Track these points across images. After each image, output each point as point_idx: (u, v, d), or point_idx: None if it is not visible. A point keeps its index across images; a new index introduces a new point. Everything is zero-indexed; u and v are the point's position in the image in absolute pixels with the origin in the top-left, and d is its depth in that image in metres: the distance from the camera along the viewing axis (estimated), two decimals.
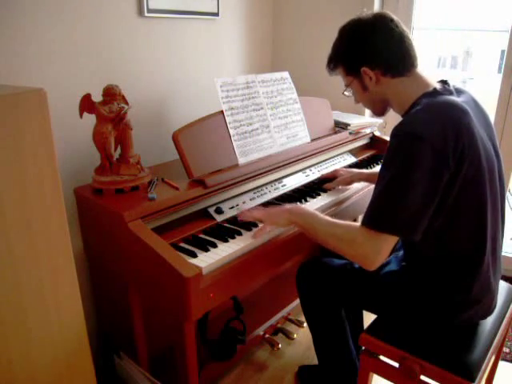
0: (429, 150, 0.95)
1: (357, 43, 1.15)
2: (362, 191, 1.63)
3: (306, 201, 1.50)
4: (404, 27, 1.14)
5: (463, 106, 1.04)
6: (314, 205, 1.47)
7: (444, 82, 1.13)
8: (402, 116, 1.15)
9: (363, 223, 1.04)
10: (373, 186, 1.11)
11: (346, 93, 1.27)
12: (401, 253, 1.29)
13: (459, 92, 1.12)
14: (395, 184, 0.99)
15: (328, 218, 1.15)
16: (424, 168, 0.96)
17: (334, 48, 1.23)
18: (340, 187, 1.61)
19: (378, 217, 1.02)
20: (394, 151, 1.01)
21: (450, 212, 1.03)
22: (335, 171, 1.65)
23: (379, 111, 1.26)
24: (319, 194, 1.55)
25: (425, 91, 1.10)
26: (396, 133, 1.02)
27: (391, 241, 1.02)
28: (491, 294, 1.13)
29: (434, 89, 1.10)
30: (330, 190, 1.59)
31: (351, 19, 1.19)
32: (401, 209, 0.99)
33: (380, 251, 1.02)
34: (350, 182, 1.60)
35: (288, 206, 1.26)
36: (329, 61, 1.25)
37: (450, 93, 1.09)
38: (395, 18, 1.14)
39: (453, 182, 0.99)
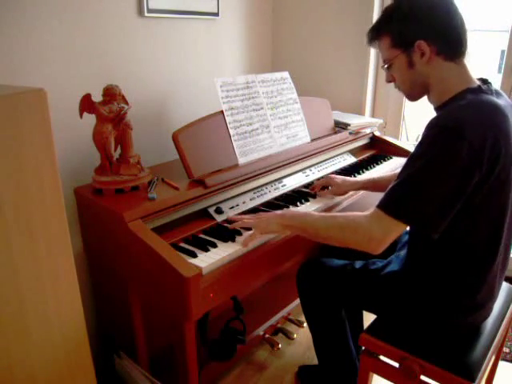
0: (466, 148, 0.93)
1: (419, 13, 1.06)
2: (356, 194, 1.63)
3: (306, 201, 1.50)
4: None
5: (504, 109, 1.01)
6: (315, 205, 1.47)
7: (485, 81, 1.10)
8: (437, 108, 1.11)
9: (379, 206, 1.01)
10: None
11: (384, 66, 1.16)
12: (402, 253, 1.29)
13: (498, 94, 1.08)
14: (425, 174, 0.97)
15: (321, 213, 1.15)
16: (458, 165, 0.94)
17: (387, 13, 1.12)
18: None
19: (398, 203, 1.00)
20: (431, 142, 0.97)
21: (472, 215, 1.01)
22: (329, 178, 1.55)
23: (415, 95, 1.16)
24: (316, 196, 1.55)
25: (469, 86, 1.06)
26: (435, 125, 0.98)
27: (400, 228, 1.00)
28: (494, 298, 1.13)
29: (479, 86, 1.05)
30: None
31: None
32: (424, 200, 0.96)
33: (386, 234, 1.00)
34: (344, 193, 1.54)
35: (277, 211, 1.24)
36: (375, 27, 1.14)
37: (492, 93, 1.05)
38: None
39: (481, 185, 0.97)
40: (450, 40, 1.06)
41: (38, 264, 0.87)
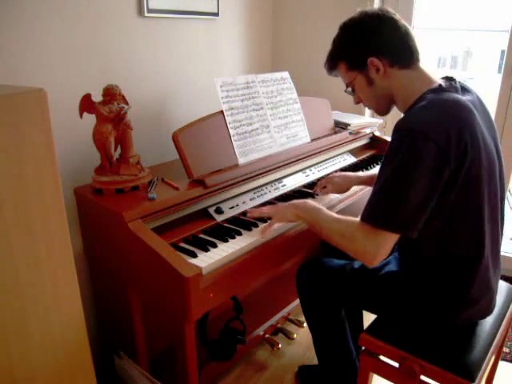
0: (432, 147, 0.95)
1: (364, 33, 1.12)
2: (361, 191, 1.63)
3: None
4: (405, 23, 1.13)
5: (468, 104, 1.03)
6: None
7: (450, 79, 1.12)
8: (404, 112, 1.14)
9: (362, 219, 1.04)
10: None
11: (348, 90, 1.23)
12: None
13: (465, 90, 1.10)
14: (396, 180, 0.99)
15: (332, 213, 1.16)
16: (426, 165, 0.96)
17: (336, 43, 1.20)
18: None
19: (376, 213, 1.02)
20: (396, 147, 1.00)
21: (449, 211, 1.03)
22: (329, 179, 1.55)
23: (383, 108, 1.22)
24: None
25: (430, 87, 1.08)
26: (399, 128, 1.01)
27: (392, 238, 1.02)
28: (490, 293, 1.13)
29: (440, 85, 1.08)
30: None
31: (354, 14, 1.16)
32: (400, 206, 0.98)
33: (379, 248, 1.02)
34: (347, 189, 1.54)
35: (295, 201, 1.26)
36: (329, 58, 1.22)
37: (456, 90, 1.07)
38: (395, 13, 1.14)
39: (453, 181, 0.99)
40: (398, 51, 1.11)
41: (38, 264, 0.87)
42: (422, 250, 1.12)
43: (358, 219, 1.08)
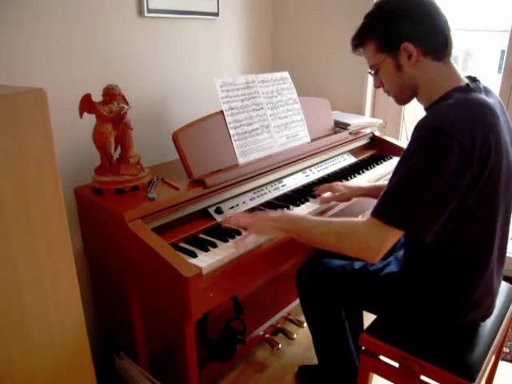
0: (456, 148, 0.92)
1: (402, 15, 1.04)
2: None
3: (306, 201, 1.50)
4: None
5: (493, 107, 1.01)
6: (315, 205, 1.47)
7: (473, 79, 1.09)
8: (427, 107, 1.10)
9: (373, 214, 1.00)
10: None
11: (371, 71, 1.15)
12: (401, 253, 1.29)
13: (487, 92, 1.07)
14: (415, 177, 0.96)
15: (319, 217, 1.13)
16: (448, 166, 0.93)
17: (370, 19, 1.10)
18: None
19: (390, 209, 0.99)
20: (419, 144, 0.96)
21: (463, 215, 1.01)
22: (331, 186, 1.52)
23: (405, 98, 1.15)
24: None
25: (457, 85, 1.05)
26: (422, 125, 0.98)
27: (397, 235, 0.99)
28: (492, 296, 1.13)
29: (467, 84, 1.05)
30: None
31: None
32: (416, 204, 0.95)
33: (383, 243, 0.99)
34: (348, 199, 1.49)
35: (272, 213, 1.22)
36: (359, 34, 1.13)
37: (481, 91, 1.05)
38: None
39: (473, 185, 0.96)
40: (435, 40, 1.05)
41: (38, 264, 0.87)
42: (430, 251, 1.09)
43: (353, 218, 1.07)
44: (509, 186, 1.05)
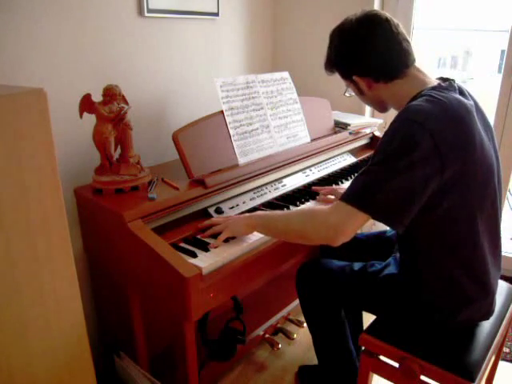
0: (427, 138, 0.94)
1: (344, 53, 1.15)
2: None
3: (306, 201, 1.50)
4: (395, 21, 1.11)
5: (467, 105, 1.02)
6: (315, 205, 1.47)
7: (447, 80, 1.11)
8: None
9: (342, 198, 1.02)
10: None
11: (346, 94, 1.28)
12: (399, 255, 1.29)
13: (462, 92, 1.09)
14: (383, 166, 0.97)
15: (287, 211, 1.19)
16: (419, 155, 0.94)
17: (328, 53, 1.22)
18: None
19: (354, 191, 1.01)
20: (391, 136, 0.99)
21: (442, 213, 1.02)
22: (333, 190, 1.54)
23: (380, 109, 1.25)
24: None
25: (424, 88, 1.07)
26: (396, 119, 1.01)
27: (360, 217, 0.99)
28: (490, 294, 1.13)
29: (439, 84, 1.07)
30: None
31: (339, 23, 1.18)
32: (384, 191, 0.96)
33: (344, 221, 1.00)
34: None
35: (246, 214, 1.25)
36: (325, 64, 1.24)
37: (454, 90, 1.07)
38: (384, 14, 1.11)
39: (445, 178, 0.97)
40: (380, 70, 1.12)
41: (38, 264, 0.87)
42: (422, 248, 1.11)
43: (320, 206, 1.10)
44: (491, 183, 1.06)
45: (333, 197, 1.52)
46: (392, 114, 1.27)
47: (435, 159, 0.95)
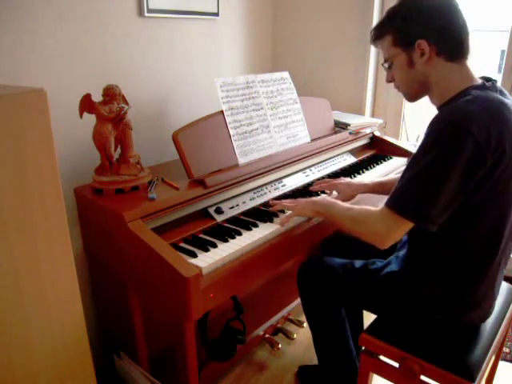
0: (472, 144, 0.92)
1: (422, 13, 1.06)
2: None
3: None
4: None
5: (508, 105, 1.01)
6: None
7: (489, 80, 1.09)
8: (439, 107, 1.10)
9: (386, 204, 1.04)
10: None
11: (385, 65, 1.17)
12: (401, 253, 1.29)
13: (502, 93, 1.07)
14: (430, 172, 0.97)
15: (346, 204, 1.21)
16: (463, 160, 0.93)
17: (391, 12, 1.12)
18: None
19: (403, 202, 1.01)
20: (436, 138, 0.97)
21: (472, 213, 1.01)
22: (333, 185, 1.52)
23: (414, 94, 1.16)
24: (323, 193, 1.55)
25: (472, 84, 1.05)
26: (438, 120, 0.98)
27: (405, 226, 1.03)
28: (492, 297, 1.13)
29: (483, 83, 1.05)
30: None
31: None
32: (431, 199, 0.97)
33: (390, 232, 1.04)
34: (351, 198, 1.49)
35: (314, 198, 1.34)
36: (378, 26, 1.15)
37: (497, 91, 1.05)
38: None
39: (483, 182, 0.97)
40: (450, 41, 1.06)
41: (38, 264, 0.87)
42: (436, 250, 1.10)
43: (370, 207, 1.11)
44: None
45: (335, 193, 1.51)
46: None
47: (479, 162, 0.94)
